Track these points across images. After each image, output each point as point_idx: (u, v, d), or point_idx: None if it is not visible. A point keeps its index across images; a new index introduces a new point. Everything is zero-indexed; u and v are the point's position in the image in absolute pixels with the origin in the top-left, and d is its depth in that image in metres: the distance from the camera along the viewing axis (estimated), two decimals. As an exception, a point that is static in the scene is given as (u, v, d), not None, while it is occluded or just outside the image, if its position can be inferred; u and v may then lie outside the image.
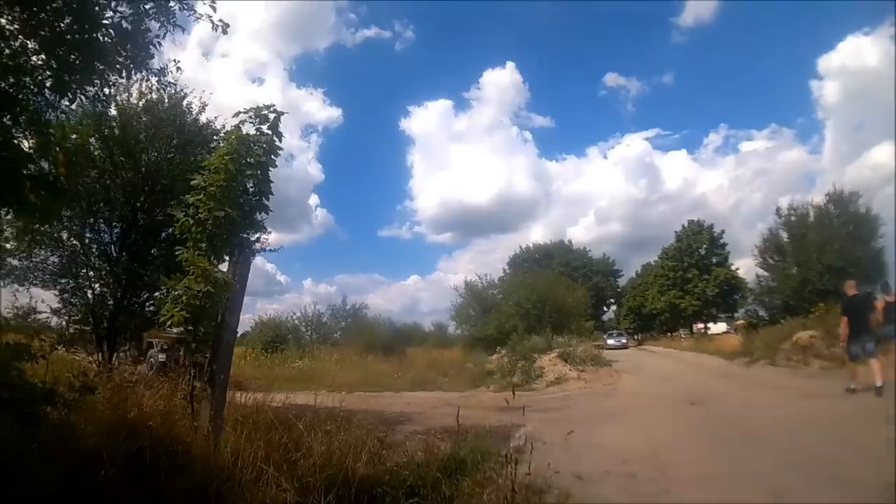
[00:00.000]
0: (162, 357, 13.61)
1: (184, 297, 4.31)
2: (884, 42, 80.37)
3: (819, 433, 7.12)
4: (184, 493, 3.30)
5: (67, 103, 4.11)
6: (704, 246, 53.46)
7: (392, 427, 6.44)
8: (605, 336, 47.49)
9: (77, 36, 3.65)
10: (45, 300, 9.13)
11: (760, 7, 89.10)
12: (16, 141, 3.61)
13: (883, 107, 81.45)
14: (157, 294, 8.49)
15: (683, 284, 52.73)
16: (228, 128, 5.26)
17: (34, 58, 3.82)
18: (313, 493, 3.79)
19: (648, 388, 15.28)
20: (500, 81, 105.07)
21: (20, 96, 3.64)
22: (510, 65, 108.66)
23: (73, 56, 3.67)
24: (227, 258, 4.93)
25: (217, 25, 4.43)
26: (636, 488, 5.29)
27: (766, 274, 37.99)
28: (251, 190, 4.93)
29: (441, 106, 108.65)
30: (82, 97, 4.04)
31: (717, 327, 52.36)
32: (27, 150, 3.63)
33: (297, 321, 34.87)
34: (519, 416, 5.38)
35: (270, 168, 4.98)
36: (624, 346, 42.98)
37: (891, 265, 29.90)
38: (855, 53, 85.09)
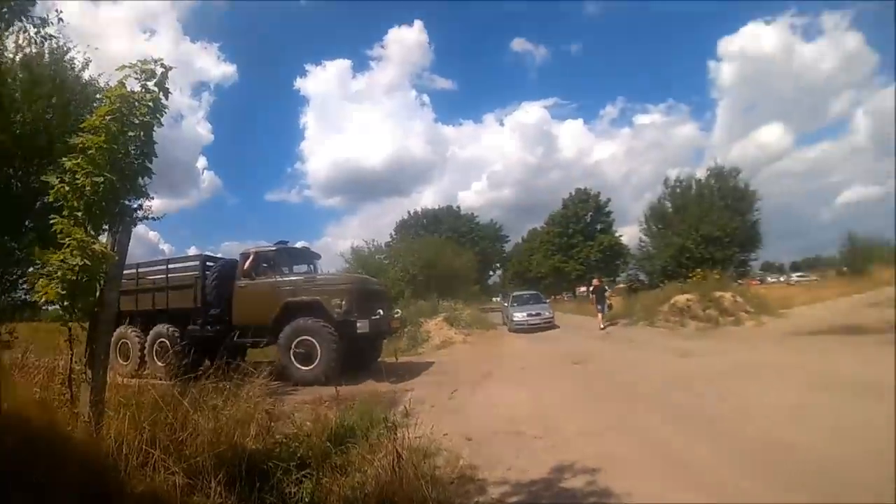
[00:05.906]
0: None
1: (58, 273, 4.04)
2: (782, 32, 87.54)
3: (694, 389, 7.64)
4: (66, 487, 3.15)
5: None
6: (590, 213, 55.53)
7: (280, 398, 6.33)
8: (507, 304, 26.24)
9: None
10: None
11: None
12: None
13: (774, 92, 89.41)
14: (30, 269, 7.85)
15: (568, 250, 54.60)
16: (113, 84, 4.88)
17: None
18: (203, 472, 3.71)
19: (533, 349, 15.90)
20: (406, 39, 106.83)
21: None
22: (418, 23, 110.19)
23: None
24: (106, 228, 4.65)
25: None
26: (524, 446, 5.55)
27: (648, 241, 39.92)
28: (133, 152, 4.61)
29: (339, 65, 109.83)
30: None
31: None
32: None
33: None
34: (407, 381, 5.40)
35: (155, 128, 4.61)
36: (548, 323, 21.90)
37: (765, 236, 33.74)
38: (754, 39, 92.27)
